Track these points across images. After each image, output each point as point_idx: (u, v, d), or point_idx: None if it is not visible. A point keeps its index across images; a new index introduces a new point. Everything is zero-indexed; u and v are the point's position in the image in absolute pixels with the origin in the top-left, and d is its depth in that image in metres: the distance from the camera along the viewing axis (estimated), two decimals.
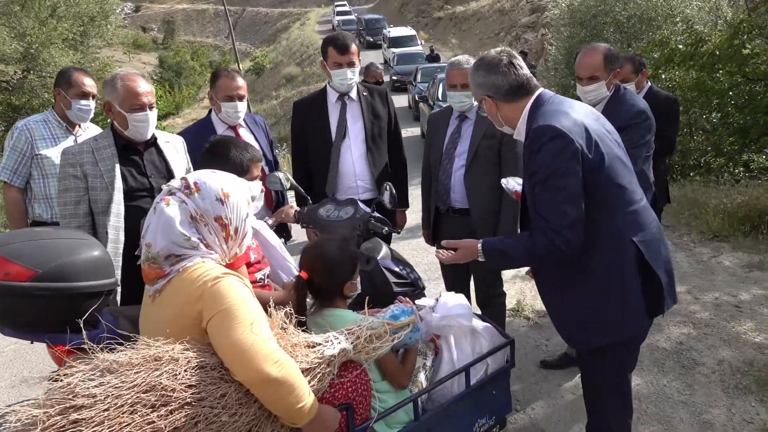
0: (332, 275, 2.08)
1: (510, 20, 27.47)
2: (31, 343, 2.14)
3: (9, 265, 1.86)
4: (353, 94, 3.43)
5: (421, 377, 2.14)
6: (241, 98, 3.19)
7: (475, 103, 3.24)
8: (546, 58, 17.08)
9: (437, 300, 2.30)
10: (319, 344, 1.71)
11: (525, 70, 2.19)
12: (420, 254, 6.26)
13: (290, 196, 4.11)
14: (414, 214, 3.95)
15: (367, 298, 1.98)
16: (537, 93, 2.15)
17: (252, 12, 70.28)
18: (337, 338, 1.74)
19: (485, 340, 2.24)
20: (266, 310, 1.75)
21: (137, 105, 2.62)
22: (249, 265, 2.16)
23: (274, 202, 3.38)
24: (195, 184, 1.72)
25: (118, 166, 2.67)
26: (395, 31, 30.45)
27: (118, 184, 2.65)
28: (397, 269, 2.88)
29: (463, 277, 3.66)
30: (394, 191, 2.94)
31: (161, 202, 1.69)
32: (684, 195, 7.14)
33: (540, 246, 2.00)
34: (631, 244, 2.06)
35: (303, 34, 43.36)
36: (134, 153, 2.76)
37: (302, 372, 1.62)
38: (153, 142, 2.81)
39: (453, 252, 2.20)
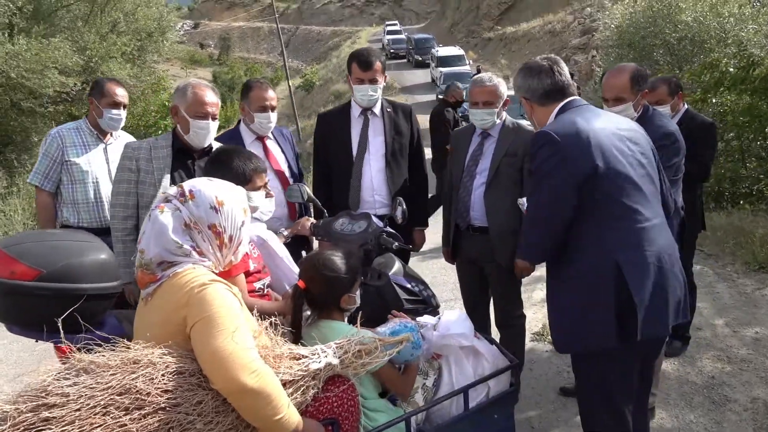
0: (330, 286, 2.07)
1: (560, 41, 27.19)
2: (36, 341, 2.19)
3: (15, 264, 1.91)
4: (377, 109, 3.43)
5: (418, 397, 2.09)
6: (273, 108, 3.24)
7: (498, 121, 3.20)
8: (595, 80, 16.79)
9: (439, 318, 2.25)
10: (305, 357, 1.69)
11: (564, 77, 2.28)
12: (447, 273, 6.18)
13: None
14: (437, 234, 3.90)
15: (360, 312, 1.95)
16: (569, 99, 2.22)
17: (305, 30, 71.79)
18: (325, 352, 1.72)
19: (487, 362, 2.17)
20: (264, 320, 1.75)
21: (202, 113, 2.78)
22: (248, 274, 2.16)
23: (297, 213, 3.40)
24: (190, 191, 1.73)
25: (169, 167, 2.82)
26: (443, 51, 30.51)
27: (166, 183, 2.78)
28: (409, 286, 2.84)
29: (482, 298, 3.59)
30: (405, 207, 2.91)
31: (156, 209, 1.71)
32: (730, 223, 6.84)
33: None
34: (611, 260, 2.01)
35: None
36: (188, 158, 2.90)
37: (284, 384, 1.60)
38: (208, 152, 2.90)
39: None
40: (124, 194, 2.82)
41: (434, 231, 3.84)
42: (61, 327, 1.65)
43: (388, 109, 3.46)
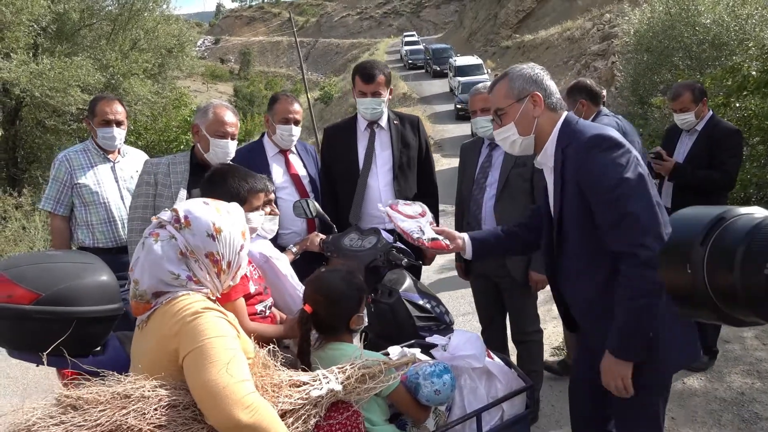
0: (338, 308, 2.00)
1: (579, 48, 26.90)
2: (37, 366, 2.14)
3: (12, 287, 1.87)
4: (383, 122, 3.36)
5: (429, 422, 2.01)
6: (296, 122, 3.23)
7: None
8: (615, 85, 16.58)
9: (449, 338, 2.16)
10: (306, 384, 1.62)
11: None
12: (465, 285, 6.07)
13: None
14: None
15: (364, 333, 1.88)
16: (566, 113, 2.07)
17: (324, 43, 72.38)
18: (326, 377, 1.65)
19: (501, 383, 2.08)
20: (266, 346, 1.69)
21: (221, 132, 2.84)
22: (248, 297, 2.09)
23: (316, 228, 3.32)
24: (185, 218, 1.66)
25: (186, 181, 2.85)
26: (461, 60, 30.46)
27: (182, 195, 2.80)
28: (421, 302, 2.76)
29: (499, 313, 3.49)
30: None
31: (150, 237, 1.65)
32: None
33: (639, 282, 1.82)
34: None
35: None
36: (205, 173, 2.85)
37: (284, 414, 1.53)
38: None
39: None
40: (142, 208, 2.84)
41: None
42: (64, 351, 1.60)
43: (395, 121, 3.39)
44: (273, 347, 1.68)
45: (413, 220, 2.52)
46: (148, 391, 1.42)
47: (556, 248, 2.14)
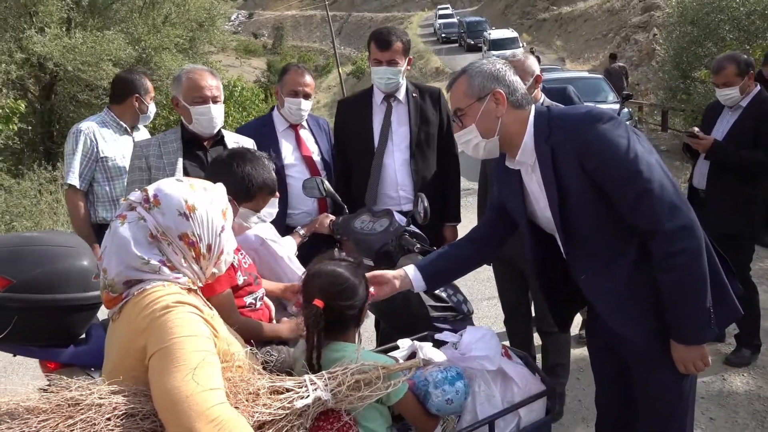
0: (354, 300, 1.75)
1: (619, 20, 25.88)
2: (14, 355, 2.01)
3: None
4: (401, 95, 3.11)
5: (437, 429, 1.80)
6: (306, 96, 3.01)
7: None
8: (656, 60, 15.86)
9: (461, 335, 1.95)
10: (290, 390, 1.42)
11: None
12: (487, 269, 5.82)
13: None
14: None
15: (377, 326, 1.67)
16: (533, 106, 1.86)
17: (357, 17, 71.55)
18: (314, 383, 1.45)
19: (518, 387, 1.86)
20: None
21: (199, 98, 2.62)
22: (237, 288, 1.90)
23: (328, 208, 3.12)
24: (154, 196, 1.47)
25: (180, 160, 2.67)
26: (495, 34, 29.57)
27: (179, 167, 2.65)
28: (436, 291, 2.55)
29: (523, 301, 3.26)
30: (427, 204, 2.59)
31: (117, 219, 1.46)
32: None
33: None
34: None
35: None
36: (199, 148, 2.75)
37: (262, 425, 1.34)
38: (220, 140, 2.77)
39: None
40: None
41: (468, 226, 3.53)
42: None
43: (414, 95, 3.13)
44: (250, 349, 1.49)
45: None
46: (103, 397, 1.24)
47: (566, 248, 1.94)
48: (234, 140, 2.83)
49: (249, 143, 2.86)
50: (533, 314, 3.34)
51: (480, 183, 3.28)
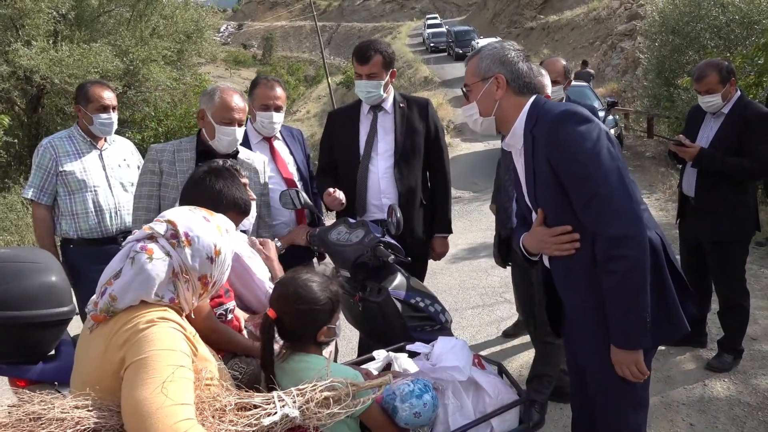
0: (305, 319, 1.75)
1: (606, 28, 26.08)
2: None
3: None
4: (387, 105, 3.13)
5: None
6: (277, 108, 3.01)
7: None
8: (640, 67, 15.98)
9: (433, 345, 1.94)
10: (257, 407, 1.41)
11: None
12: (479, 276, 5.84)
13: (328, 215, 3.86)
14: (465, 235, 3.62)
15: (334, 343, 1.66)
16: (535, 96, 1.94)
17: (346, 27, 71.87)
18: (282, 400, 1.44)
19: (489, 397, 1.86)
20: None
21: (227, 119, 2.65)
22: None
23: (307, 218, 3.12)
24: (186, 236, 1.49)
25: (192, 170, 2.63)
26: (484, 43, 29.74)
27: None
28: (413, 301, 2.55)
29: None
30: (399, 214, 2.59)
31: (142, 253, 1.45)
32: None
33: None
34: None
35: (393, 48, 43.56)
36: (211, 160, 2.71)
37: None
38: (233, 156, 2.78)
39: None
40: (147, 197, 2.70)
41: (458, 235, 3.60)
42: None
43: (401, 105, 3.15)
44: (219, 363, 1.48)
45: None
46: (65, 411, 1.23)
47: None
48: (246, 157, 2.84)
49: (260, 160, 2.89)
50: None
51: (495, 184, 3.47)
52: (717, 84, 3.45)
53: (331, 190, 2.94)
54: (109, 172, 3.42)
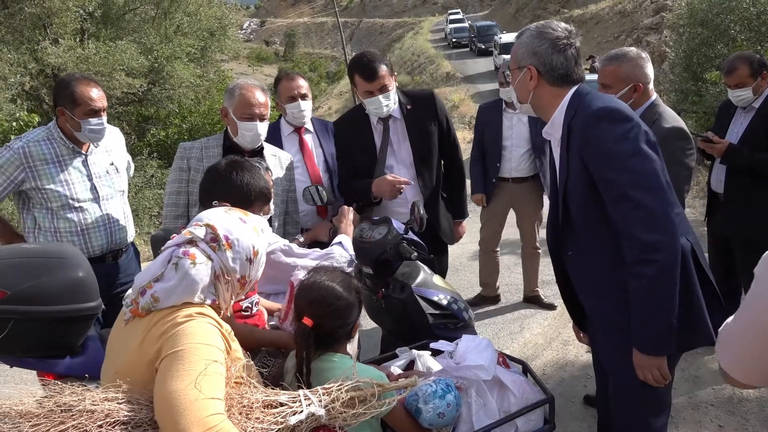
0: (343, 317, 1.75)
1: (631, 22, 25.72)
2: (11, 367, 2.02)
3: None
4: (395, 112, 3.08)
5: None
6: (303, 96, 3.05)
7: None
8: (668, 61, 15.72)
9: (457, 344, 1.93)
10: (283, 405, 1.41)
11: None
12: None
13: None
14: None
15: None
16: (577, 86, 1.90)
17: (368, 23, 71.83)
18: (308, 399, 1.44)
19: (514, 396, 1.84)
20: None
21: (248, 114, 2.68)
22: None
23: (329, 216, 3.13)
24: (226, 238, 1.52)
25: None
26: (506, 38, 29.40)
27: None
28: (435, 298, 2.54)
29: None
30: (422, 212, 2.57)
31: (185, 258, 1.47)
32: None
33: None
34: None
35: (415, 44, 43.46)
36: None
37: None
38: (259, 151, 2.81)
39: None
40: (176, 194, 2.75)
41: (474, 220, 3.63)
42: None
43: (408, 106, 3.09)
44: (248, 360, 1.50)
45: None
46: (96, 403, 1.25)
47: (562, 223, 2.01)
48: (272, 152, 2.86)
49: (286, 157, 2.92)
50: None
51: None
52: (748, 77, 3.37)
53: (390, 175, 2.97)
54: (96, 182, 2.92)
